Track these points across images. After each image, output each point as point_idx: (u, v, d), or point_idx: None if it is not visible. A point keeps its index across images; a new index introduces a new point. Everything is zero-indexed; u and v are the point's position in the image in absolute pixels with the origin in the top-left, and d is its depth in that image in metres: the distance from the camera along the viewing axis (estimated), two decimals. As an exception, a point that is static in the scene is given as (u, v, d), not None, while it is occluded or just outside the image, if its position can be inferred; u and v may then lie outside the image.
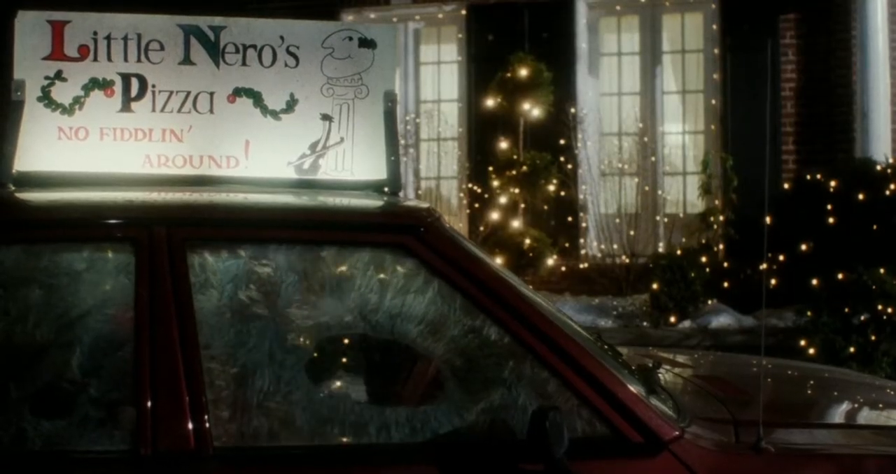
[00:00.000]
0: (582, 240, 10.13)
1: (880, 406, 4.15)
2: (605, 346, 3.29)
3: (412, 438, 2.71)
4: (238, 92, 3.32)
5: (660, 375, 3.47)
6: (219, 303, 2.75)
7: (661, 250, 9.27)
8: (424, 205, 3.17)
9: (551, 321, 2.82)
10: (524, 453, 2.60)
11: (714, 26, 10.40)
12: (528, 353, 2.76)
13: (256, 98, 3.33)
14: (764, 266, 8.08)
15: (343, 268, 2.85)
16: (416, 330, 2.81)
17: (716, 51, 10.37)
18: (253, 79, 3.33)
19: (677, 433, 2.79)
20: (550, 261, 9.65)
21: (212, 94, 3.30)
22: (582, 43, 10.61)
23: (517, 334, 2.77)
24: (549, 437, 2.50)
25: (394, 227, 2.92)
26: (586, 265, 9.79)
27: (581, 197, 10.05)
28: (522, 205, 9.79)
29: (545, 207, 9.76)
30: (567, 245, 9.96)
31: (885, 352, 6.54)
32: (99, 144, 3.22)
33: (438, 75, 11.19)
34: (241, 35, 3.34)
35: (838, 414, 4.01)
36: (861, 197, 7.97)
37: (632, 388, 2.81)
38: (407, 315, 2.80)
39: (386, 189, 3.35)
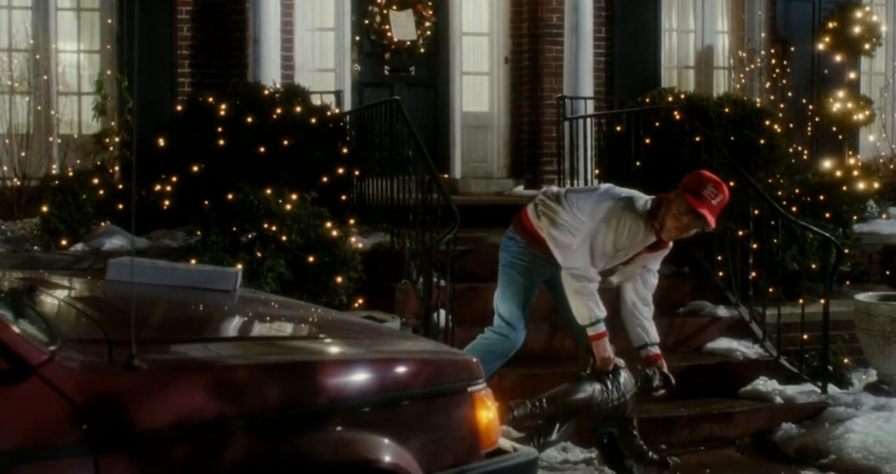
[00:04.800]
0: (-31, 164, 9.58)
1: (259, 319, 4.41)
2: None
3: None
4: None
5: (35, 299, 3.42)
6: None
7: (54, 172, 9.00)
8: None
9: None
10: None
11: (102, -56, 10.18)
12: None
13: None
14: (158, 187, 8.16)
15: None
16: None
17: (106, -31, 10.17)
18: None
19: (46, 356, 2.78)
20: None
21: None
22: (-34, -51, 9.92)
23: None
24: None
25: None
26: (-28, 188, 9.28)
27: (-34, 117, 9.46)
28: None
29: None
30: (-45, 169, 9.37)
31: (269, 267, 6.85)
32: None
33: None
34: None
35: (218, 328, 4.19)
36: (250, 120, 8.23)
37: (-7, 313, 2.76)
38: None
39: None
